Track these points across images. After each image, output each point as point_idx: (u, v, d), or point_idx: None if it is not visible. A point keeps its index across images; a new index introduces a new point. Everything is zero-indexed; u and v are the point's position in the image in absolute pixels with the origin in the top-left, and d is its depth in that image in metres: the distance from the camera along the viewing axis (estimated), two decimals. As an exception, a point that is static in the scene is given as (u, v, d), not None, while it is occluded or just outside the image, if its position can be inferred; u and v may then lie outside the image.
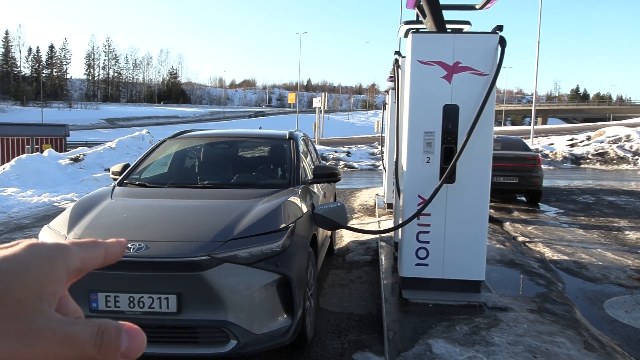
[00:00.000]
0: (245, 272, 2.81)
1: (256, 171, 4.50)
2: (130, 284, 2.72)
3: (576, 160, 21.47)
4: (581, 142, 25.24)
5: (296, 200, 3.59)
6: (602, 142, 23.43)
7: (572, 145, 24.68)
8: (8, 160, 15.23)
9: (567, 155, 21.69)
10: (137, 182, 4.03)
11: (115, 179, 4.18)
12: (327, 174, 4.27)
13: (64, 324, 0.34)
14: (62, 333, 0.33)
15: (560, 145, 24.82)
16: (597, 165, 20.86)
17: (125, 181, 4.04)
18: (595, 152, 21.86)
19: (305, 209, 3.62)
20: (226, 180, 4.18)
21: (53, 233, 3.10)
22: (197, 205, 3.46)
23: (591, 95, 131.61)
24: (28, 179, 11.84)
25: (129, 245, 2.76)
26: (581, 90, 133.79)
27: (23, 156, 12.88)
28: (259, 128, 6.44)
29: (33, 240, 0.36)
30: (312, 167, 4.98)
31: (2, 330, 0.31)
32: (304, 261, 3.21)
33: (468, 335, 3.23)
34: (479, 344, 3.09)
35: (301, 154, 4.51)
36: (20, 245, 0.35)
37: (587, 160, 21.46)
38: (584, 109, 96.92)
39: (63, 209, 9.24)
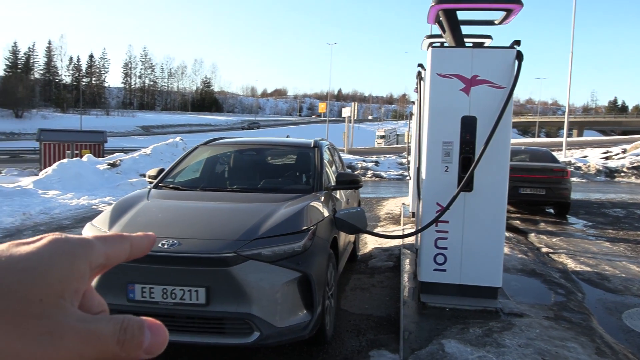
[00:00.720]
0: (268, 269, 3.03)
1: (282, 177, 4.75)
2: (164, 277, 2.97)
3: (610, 173, 21.00)
4: (616, 155, 24.66)
5: (318, 204, 3.80)
6: (638, 155, 22.85)
7: (606, 158, 24.13)
8: (50, 165, 15.98)
9: (601, 168, 21.24)
10: (171, 185, 4.33)
11: (151, 182, 4.48)
12: (348, 181, 4.47)
13: (87, 321, 0.34)
14: (85, 331, 0.33)
15: (594, 158, 24.30)
16: (633, 179, 20.34)
17: (160, 184, 4.34)
18: (631, 165, 21.32)
19: (326, 213, 3.82)
20: (253, 185, 4.44)
21: (95, 229, 3.39)
22: (226, 207, 3.72)
23: (630, 107, 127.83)
24: (68, 183, 12.44)
25: (163, 242, 3.02)
26: (619, 102, 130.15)
27: (64, 161, 13.53)
28: (287, 137, 6.69)
29: (56, 235, 0.36)
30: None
31: (25, 331, 0.31)
32: (323, 261, 3.41)
33: (480, 337, 3.36)
34: (490, 345, 3.22)
35: (325, 162, 4.72)
36: (42, 241, 0.35)
37: (622, 174, 20.96)
38: (621, 121, 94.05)
39: (101, 211, 9.73)
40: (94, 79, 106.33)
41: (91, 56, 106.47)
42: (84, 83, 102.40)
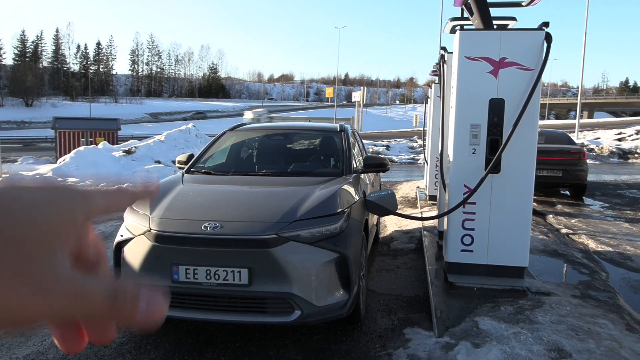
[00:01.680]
0: (307, 250, 3.12)
1: (310, 161, 4.83)
2: (207, 259, 3.07)
3: (624, 154, 20.89)
4: (629, 136, 24.49)
5: (350, 187, 3.88)
6: (652, 136, 22.66)
7: (619, 140, 23.97)
8: (65, 153, 16.16)
9: (614, 150, 21.13)
10: (202, 170, 4.42)
11: (181, 168, 4.58)
12: (376, 164, 4.54)
13: (76, 278, 0.33)
14: (73, 287, 0.32)
15: (607, 140, 24.15)
16: (646, 160, 20.23)
17: (192, 169, 4.43)
18: (645, 147, 21.18)
19: (357, 196, 3.90)
20: (283, 169, 4.52)
21: (137, 213, 3.49)
22: (262, 190, 3.81)
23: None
24: (86, 170, 12.59)
25: (206, 224, 3.12)
26: (630, 83, 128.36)
27: (81, 148, 13.68)
28: (309, 121, 6.74)
29: (56, 183, 0.35)
30: (361, 157, 5.26)
31: (10, 282, 0.30)
32: (358, 243, 3.50)
33: (512, 315, 3.45)
34: (523, 322, 3.31)
35: (351, 145, 4.79)
36: (43, 187, 0.34)
37: (636, 155, 20.85)
38: (633, 102, 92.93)
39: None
40: (101, 66, 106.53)
41: (98, 44, 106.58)
42: (92, 71, 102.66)
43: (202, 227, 3.10)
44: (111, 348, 3.37)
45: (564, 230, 6.92)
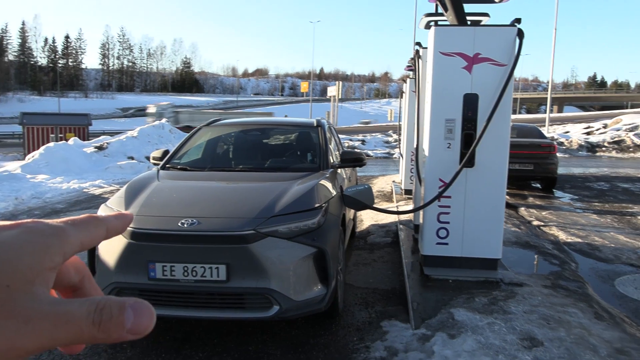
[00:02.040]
0: (285, 245, 3.13)
1: (287, 156, 4.82)
2: (185, 255, 3.05)
3: (592, 148, 21.48)
4: (597, 130, 25.18)
5: (327, 182, 3.89)
6: (618, 130, 23.36)
7: (588, 133, 24.63)
8: (34, 149, 15.74)
9: (583, 143, 21.70)
10: (178, 166, 4.37)
11: (156, 164, 4.51)
12: (353, 159, 4.57)
13: (57, 304, 0.33)
14: (54, 314, 0.32)
15: (576, 133, 24.78)
16: (613, 153, 20.86)
17: (167, 165, 4.38)
18: (612, 140, 21.83)
19: (335, 191, 3.92)
20: (260, 165, 4.51)
21: (111, 210, 3.44)
22: (239, 186, 3.80)
23: (609, 83, 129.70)
24: (56, 167, 12.30)
25: (183, 221, 3.09)
26: (598, 78, 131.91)
27: (51, 144, 13.35)
28: (285, 117, 6.73)
29: (31, 223, 0.35)
30: (338, 152, 5.28)
31: None
32: (336, 237, 3.52)
33: (487, 305, 3.53)
34: (497, 312, 3.39)
35: (328, 140, 4.80)
36: (18, 228, 0.34)
37: (603, 148, 21.47)
38: (601, 97, 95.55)
39: (93, 195, 9.70)
40: (70, 60, 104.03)
41: (67, 37, 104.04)
42: (60, 65, 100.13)
43: (179, 224, 3.07)
44: (87, 347, 3.31)
45: (535, 223, 7.09)
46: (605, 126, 25.42)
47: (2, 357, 0.30)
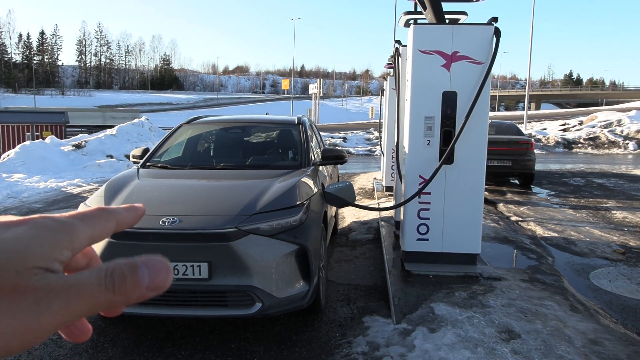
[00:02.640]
0: (267, 243, 3.14)
1: (268, 154, 4.83)
2: (167, 254, 2.99)
3: (568, 144, 21.91)
4: (573, 127, 25.67)
5: (308, 180, 3.91)
6: (593, 126, 23.87)
7: (564, 130, 25.11)
8: (9, 148, 15.41)
9: (560, 140, 22.12)
10: (159, 165, 4.35)
11: (136, 162, 4.48)
12: (334, 156, 4.59)
13: (65, 278, 0.32)
14: (64, 288, 0.32)
15: (553, 130, 25.24)
16: (589, 150, 21.31)
17: (147, 163, 4.35)
18: (587, 137, 22.30)
19: (316, 188, 3.95)
20: (241, 162, 4.51)
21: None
22: (221, 184, 3.79)
23: (584, 81, 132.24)
24: (33, 166, 12.08)
25: (164, 219, 3.08)
26: (574, 76, 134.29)
27: (27, 143, 13.10)
28: (266, 114, 6.73)
29: (39, 219, 0.35)
30: (319, 150, 5.30)
31: (3, 305, 0.30)
32: (318, 234, 3.55)
33: (466, 300, 3.59)
34: (476, 306, 3.45)
35: (309, 138, 4.82)
36: (26, 224, 0.34)
37: (579, 145, 21.91)
38: (577, 94, 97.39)
39: (71, 194, 9.55)
40: (46, 57, 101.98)
41: (42, 33, 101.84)
42: (35, 61, 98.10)
43: (160, 222, 3.06)
44: (66, 347, 3.28)
45: (513, 218, 7.22)
46: (581, 123, 25.94)
47: (22, 339, 0.30)
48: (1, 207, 8.20)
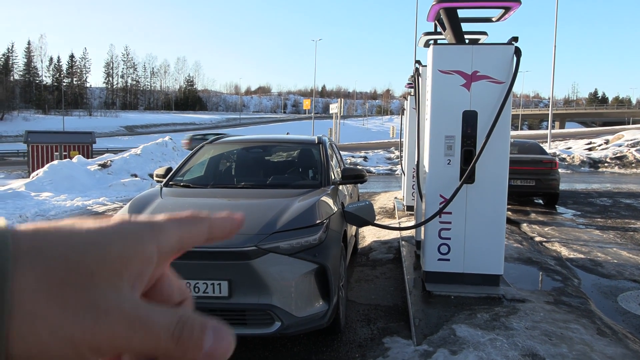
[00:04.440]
0: (287, 262, 3.15)
1: (288, 173, 4.87)
2: (187, 271, 3.07)
3: (594, 164, 21.49)
4: (599, 145, 25.20)
5: (328, 199, 3.93)
6: (620, 145, 23.39)
7: (590, 149, 24.65)
8: (38, 167, 15.86)
9: (585, 159, 21.72)
10: (181, 184, 4.42)
11: (159, 181, 4.56)
12: (354, 175, 4.60)
13: (140, 307, 0.31)
14: (135, 316, 0.30)
15: (578, 149, 24.81)
16: (616, 169, 20.85)
17: (170, 182, 4.42)
18: (614, 156, 21.84)
19: (336, 207, 3.95)
20: (262, 182, 4.55)
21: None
22: (241, 203, 3.83)
23: (610, 99, 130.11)
24: (60, 184, 12.38)
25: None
26: (599, 94, 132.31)
27: (55, 162, 13.45)
28: (287, 134, 6.80)
29: (125, 216, 0.33)
30: (339, 169, 5.32)
31: (68, 300, 0.28)
32: (337, 253, 3.55)
33: (489, 322, 3.52)
34: (499, 328, 3.38)
35: (329, 157, 4.85)
36: (111, 220, 0.32)
37: (605, 164, 21.47)
38: (602, 113, 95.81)
39: (96, 212, 9.74)
40: (75, 79, 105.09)
41: (72, 56, 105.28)
42: (65, 84, 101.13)
43: (182, 240, 3.10)
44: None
45: (537, 239, 7.09)
46: (607, 142, 25.46)
47: (75, 352, 0.29)
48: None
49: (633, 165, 21.00)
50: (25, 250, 0.28)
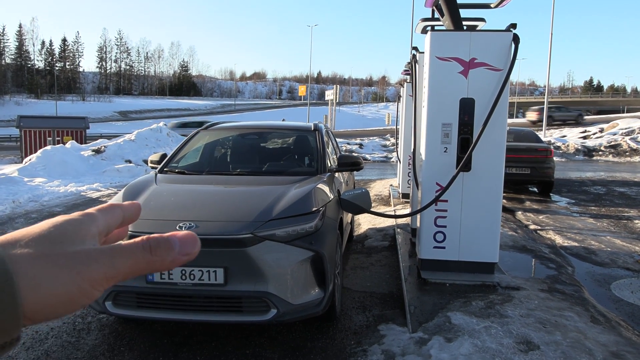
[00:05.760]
0: (283, 249, 3.14)
1: (284, 160, 4.84)
2: (183, 259, 3.05)
3: (589, 152, 21.55)
4: (594, 134, 25.25)
5: (324, 186, 3.91)
6: (615, 134, 23.45)
7: (584, 138, 24.71)
8: (31, 152, 15.70)
9: (580, 148, 21.78)
10: (176, 170, 4.38)
11: (153, 167, 4.52)
12: (350, 163, 4.58)
13: (111, 244, 0.43)
14: (109, 248, 0.41)
15: (572, 138, 24.86)
16: (610, 158, 20.93)
17: (165, 169, 4.39)
18: (608, 145, 21.91)
19: (332, 195, 3.94)
20: (258, 168, 4.52)
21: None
22: (237, 190, 3.81)
23: (605, 87, 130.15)
24: (53, 170, 12.28)
25: (180, 224, 3.10)
26: (595, 82, 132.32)
27: (48, 148, 13.32)
28: (282, 120, 6.75)
29: (74, 214, 0.45)
30: (335, 156, 5.29)
31: (63, 264, 0.39)
32: (333, 241, 3.54)
33: (483, 309, 3.54)
34: (493, 316, 3.40)
35: (325, 144, 4.82)
36: (66, 216, 0.45)
37: (600, 153, 21.54)
38: (597, 101, 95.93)
39: (90, 198, 9.69)
40: (67, 63, 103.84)
41: (64, 40, 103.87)
42: (57, 68, 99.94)
43: (177, 227, 3.08)
44: (84, 351, 3.32)
45: (532, 227, 7.12)
46: (601, 130, 25.51)
47: (79, 288, 0.38)
48: (22, 210, 8.34)
49: (627, 153, 21.09)
50: (6, 244, 0.39)
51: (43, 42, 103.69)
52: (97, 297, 0.40)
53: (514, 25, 4.15)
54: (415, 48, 5.65)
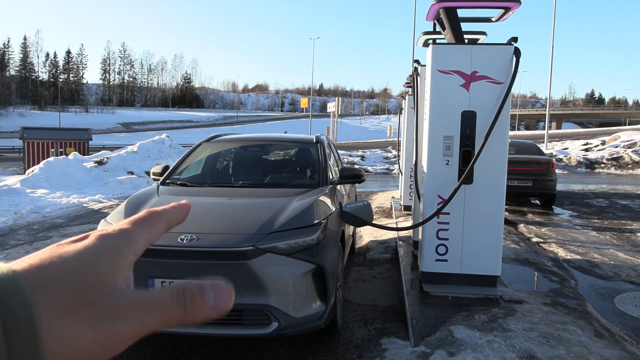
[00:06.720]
0: (284, 262, 3.13)
1: (286, 172, 4.85)
2: (183, 271, 3.05)
3: (590, 164, 21.54)
4: (596, 146, 25.27)
5: (326, 198, 3.91)
6: (617, 146, 23.46)
7: (586, 150, 24.71)
8: (34, 163, 15.77)
9: (582, 160, 21.77)
10: (178, 182, 4.39)
11: (156, 179, 4.53)
12: (352, 175, 4.58)
13: (142, 293, 0.36)
14: (141, 302, 0.35)
15: (574, 150, 24.87)
16: (612, 170, 20.91)
17: (167, 181, 4.39)
18: (610, 157, 21.90)
19: (334, 207, 3.93)
20: (259, 181, 4.53)
21: (110, 226, 3.45)
22: (238, 202, 3.81)
23: (606, 100, 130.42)
24: (56, 181, 12.32)
25: (182, 237, 3.10)
26: (596, 95, 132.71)
27: (51, 159, 13.38)
28: (284, 132, 6.77)
29: (101, 232, 0.38)
30: (337, 168, 5.30)
31: (83, 315, 0.33)
32: (335, 254, 3.53)
33: (486, 323, 3.51)
34: (496, 330, 3.37)
35: (327, 156, 4.83)
36: (89, 238, 0.37)
37: (602, 165, 21.52)
38: (599, 114, 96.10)
39: (92, 210, 9.69)
40: (71, 75, 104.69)
41: (68, 52, 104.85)
42: (61, 80, 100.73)
43: (179, 240, 3.08)
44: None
45: (534, 239, 7.09)
46: (603, 143, 25.53)
47: (104, 348, 0.34)
48: (24, 221, 8.34)
49: (629, 166, 21.06)
50: (34, 286, 0.33)
51: (47, 54, 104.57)
52: (119, 352, 0.35)
53: (515, 39, 4.18)
54: (417, 61, 5.68)
